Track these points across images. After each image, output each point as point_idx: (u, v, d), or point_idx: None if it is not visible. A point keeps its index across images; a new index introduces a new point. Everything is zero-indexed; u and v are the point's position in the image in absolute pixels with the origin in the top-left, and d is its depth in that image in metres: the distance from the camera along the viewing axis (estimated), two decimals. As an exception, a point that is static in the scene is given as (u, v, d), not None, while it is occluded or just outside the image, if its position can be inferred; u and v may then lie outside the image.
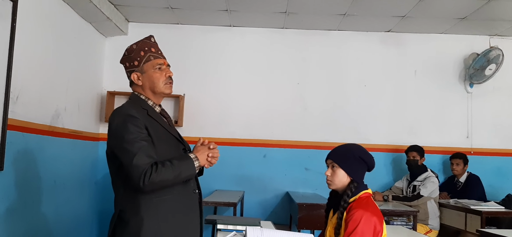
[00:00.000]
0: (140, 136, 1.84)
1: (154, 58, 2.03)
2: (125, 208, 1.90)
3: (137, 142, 1.82)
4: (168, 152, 1.93)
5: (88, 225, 4.66)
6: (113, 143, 1.90)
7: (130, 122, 1.86)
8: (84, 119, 4.46)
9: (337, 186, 2.23)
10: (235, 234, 2.20)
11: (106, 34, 4.91)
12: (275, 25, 5.03)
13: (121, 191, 1.93)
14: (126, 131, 1.84)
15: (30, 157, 3.38)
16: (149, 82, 2.02)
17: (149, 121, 1.94)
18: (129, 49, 2.05)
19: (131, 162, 1.78)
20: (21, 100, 3.20)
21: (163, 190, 1.87)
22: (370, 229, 2.03)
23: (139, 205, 1.86)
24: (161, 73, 2.03)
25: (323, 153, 2.39)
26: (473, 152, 4.99)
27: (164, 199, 1.89)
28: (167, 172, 1.82)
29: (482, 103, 5.09)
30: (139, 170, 1.77)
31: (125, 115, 1.88)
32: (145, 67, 2.02)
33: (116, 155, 1.88)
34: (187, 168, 1.91)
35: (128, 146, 1.81)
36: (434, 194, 4.44)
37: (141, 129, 1.86)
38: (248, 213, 4.82)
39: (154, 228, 1.86)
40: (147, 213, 1.86)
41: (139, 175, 1.77)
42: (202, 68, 5.07)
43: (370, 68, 5.12)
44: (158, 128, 1.97)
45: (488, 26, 4.84)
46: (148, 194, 1.85)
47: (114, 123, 1.91)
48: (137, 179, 1.77)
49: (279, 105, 5.06)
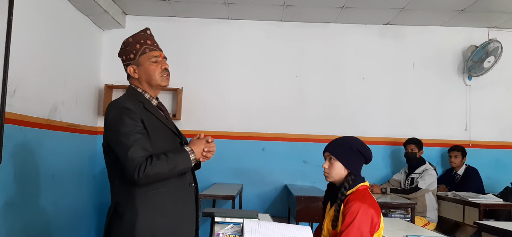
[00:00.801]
0: (136, 129, 1.84)
1: (150, 50, 2.02)
2: (120, 201, 1.91)
3: (132, 135, 1.82)
4: (164, 145, 1.92)
5: (86, 218, 4.67)
6: (108, 136, 1.90)
7: (125, 114, 1.85)
8: (82, 112, 4.45)
9: (335, 178, 2.23)
10: (233, 227, 2.20)
11: (103, 27, 4.89)
12: (273, 17, 5.01)
13: (117, 183, 1.93)
14: (122, 124, 1.83)
15: (28, 151, 3.38)
16: (145, 74, 2.01)
17: (145, 114, 1.93)
18: (125, 42, 2.05)
19: (126, 155, 1.78)
20: (19, 94, 3.19)
21: (159, 183, 1.87)
22: (367, 221, 2.04)
23: (134, 197, 1.86)
24: (157, 65, 2.01)
25: (321, 146, 2.38)
26: (471, 145, 5.00)
27: (159, 192, 1.89)
28: (162, 165, 1.82)
29: (481, 95, 5.09)
30: (134, 163, 1.77)
31: (121, 108, 1.88)
32: (141, 59, 2.01)
33: (111, 148, 1.88)
34: (183, 161, 1.90)
35: (123, 139, 1.81)
36: (432, 186, 4.45)
37: (136, 122, 1.86)
38: (247, 206, 4.83)
39: (149, 221, 1.86)
40: (142, 206, 1.86)
41: (133, 168, 1.77)
42: (200, 61, 5.06)
43: (369, 61, 5.11)
44: (155, 121, 1.96)
45: (487, 18, 4.83)
46: (143, 187, 1.85)
47: (109, 116, 1.90)
48: (132, 172, 1.77)
49: (277, 98, 5.06)
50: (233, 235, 2.02)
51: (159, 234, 1.88)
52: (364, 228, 2.02)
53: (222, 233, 2.06)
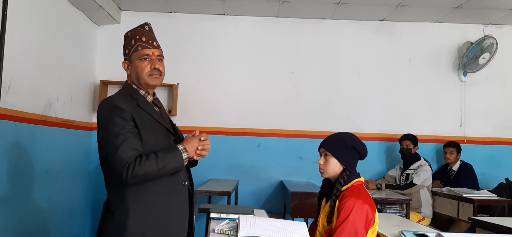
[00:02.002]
0: (126, 129, 1.82)
1: (142, 48, 1.97)
2: (112, 198, 1.91)
3: (121, 135, 1.80)
4: (156, 143, 1.90)
5: (81, 214, 4.66)
6: (99, 135, 1.90)
7: (115, 114, 1.83)
8: (77, 108, 4.44)
9: (330, 174, 2.24)
10: (228, 223, 2.20)
11: (99, 22, 4.87)
12: (269, 13, 5.00)
13: (109, 180, 1.93)
14: (112, 123, 1.82)
15: (22, 147, 3.37)
16: (135, 72, 1.98)
17: (138, 112, 1.90)
18: (124, 36, 2.03)
19: (115, 154, 1.77)
20: (13, 89, 3.18)
21: (149, 182, 1.85)
22: (362, 217, 2.04)
23: (125, 196, 1.85)
24: (146, 64, 1.96)
25: (317, 142, 2.38)
26: (466, 141, 5.02)
27: (150, 191, 1.87)
28: (150, 165, 1.79)
29: (476, 92, 5.11)
30: (122, 162, 1.75)
31: (111, 107, 1.86)
32: (133, 56, 1.98)
33: (102, 146, 1.88)
34: (174, 160, 1.87)
35: (112, 138, 1.80)
36: (427, 182, 4.47)
37: (127, 121, 1.84)
38: (242, 202, 4.83)
39: (139, 220, 1.84)
40: (133, 205, 1.84)
41: (122, 167, 1.75)
42: (195, 57, 5.04)
43: (364, 57, 5.12)
44: (147, 119, 1.93)
45: (482, 15, 4.84)
46: (133, 186, 1.83)
47: (100, 114, 1.89)
48: (120, 172, 1.76)
49: (273, 94, 5.06)
50: (229, 231, 2.02)
51: (148, 234, 1.86)
52: (359, 223, 2.03)
53: (218, 229, 2.06)
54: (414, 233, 1.99)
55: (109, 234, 1.88)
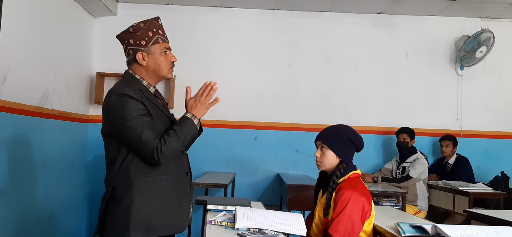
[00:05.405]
0: (142, 113, 1.87)
1: (162, 41, 2.04)
2: (117, 186, 1.92)
3: (140, 118, 1.85)
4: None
5: (78, 206, 4.65)
6: (115, 122, 1.89)
7: (128, 101, 1.86)
8: (73, 100, 4.42)
9: (326, 167, 2.24)
10: (225, 214, 2.20)
11: (95, 14, 4.84)
12: (267, 6, 4.99)
13: (116, 169, 1.92)
14: (127, 109, 1.85)
15: (18, 139, 3.35)
16: (155, 64, 2.01)
17: (145, 100, 1.94)
18: (135, 26, 2.00)
19: (139, 138, 1.83)
20: (9, 81, 3.16)
21: (157, 170, 1.90)
22: (358, 209, 2.05)
23: (131, 184, 1.88)
24: (167, 58, 2.04)
25: (313, 135, 2.39)
26: (462, 134, 5.04)
27: (157, 179, 1.92)
28: (174, 141, 1.89)
29: (472, 85, 5.12)
30: (150, 144, 1.83)
31: (122, 95, 1.88)
32: (153, 48, 2.00)
33: (114, 133, 1.90)
34: (189, 129, 1.97)
35: (132, 123, 1.84)
36: (423, 175, 4.48)
37: (140, 107, 1.88)
38: (239, 194, 4.84)
39: (145, 208, 1.88)
40: (139, 193, 1.88)
41: (151, 150, 1.82)
42: (192, 49, 5.02)
43: (362, 50, 5.12)
44: (154, 108, 1.97)
45: (479, 9, 4.84)
46: (141, 174, 1.88)
47: (111, 102, 1.89)
48: (150, 154, 1.83)
49: (270, 87, 5.05)
50: (226, 223, 2.02)
51: (154, 221, 1.89)
52: (355, 215, 2.03)
53: (215, 221, 2.06)
54: (410, 225, 2.00)
55: (114, 222, 1.90)
